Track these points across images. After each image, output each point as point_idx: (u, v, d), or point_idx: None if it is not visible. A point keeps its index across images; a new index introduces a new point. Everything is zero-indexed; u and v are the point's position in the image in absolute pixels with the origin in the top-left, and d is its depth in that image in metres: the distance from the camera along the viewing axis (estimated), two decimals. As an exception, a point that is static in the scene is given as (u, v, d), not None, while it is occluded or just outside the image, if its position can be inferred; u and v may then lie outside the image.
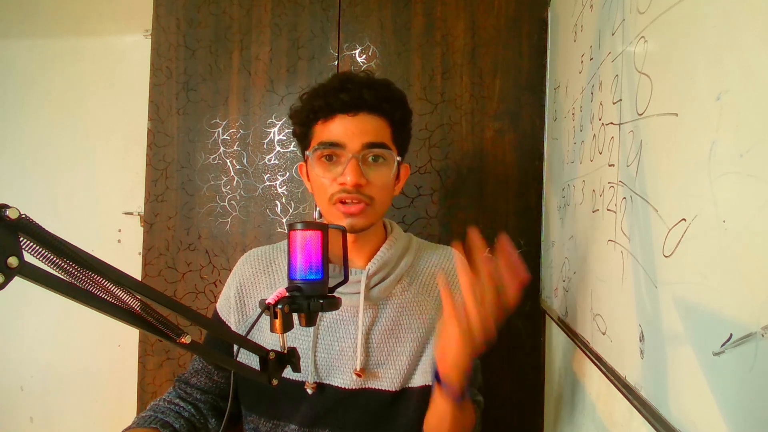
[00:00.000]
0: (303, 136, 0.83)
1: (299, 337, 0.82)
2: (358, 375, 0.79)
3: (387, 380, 0.81)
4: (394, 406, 0.81)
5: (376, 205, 0.79)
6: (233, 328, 0.85)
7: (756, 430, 0.33)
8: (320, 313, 0.73)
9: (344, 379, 0.81)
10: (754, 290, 0.33)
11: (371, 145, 0.77)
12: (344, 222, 0.77)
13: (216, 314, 0.89)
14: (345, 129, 0.77)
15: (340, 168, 0.77)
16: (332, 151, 0.77)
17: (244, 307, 0.86)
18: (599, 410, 0.76)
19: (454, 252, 0.92)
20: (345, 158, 0.76)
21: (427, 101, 1.30)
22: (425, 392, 0.81)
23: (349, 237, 0.81)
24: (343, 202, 0.77)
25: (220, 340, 0.83)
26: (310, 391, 0.80)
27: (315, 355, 0.81)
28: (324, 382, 0.81)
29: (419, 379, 0.82)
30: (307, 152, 0.82)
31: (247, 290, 0.86)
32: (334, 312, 0.81)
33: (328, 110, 0.78)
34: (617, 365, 0.62)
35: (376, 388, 0.81)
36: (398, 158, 0.80)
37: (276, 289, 0.61)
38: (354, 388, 0.81)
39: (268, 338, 0.82)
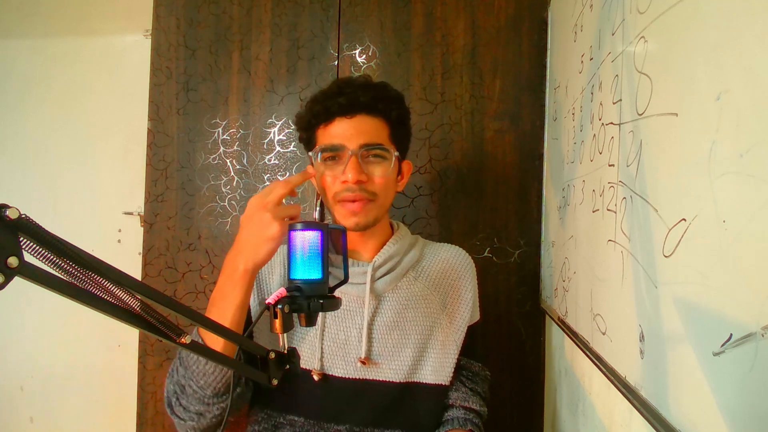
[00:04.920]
0: (307, 141, 0.87)
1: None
2: (363, 363, 0.81)
3: (391, 371, 0.83)
4: (401, 399, 0.83)
5: (379, 201, 0.82)
6: (252, 304, 0.85)
7: (756, 430, 0.33)
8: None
9: (347, 369, 0.82)
10: (754, 290, 0.33)
11: (368, 146, 0.80)
12: (350, 221, 0.80)
13: None
14: (344, 131, 0.80)
15: (342, 167, 0.79)
16: (334, 153, 0.81)
17: (260, 284, 0.87)
18: (599, 410, 0.76)
19: (462, 250, 0.96)
20: (346, 157, 0.79)
21: (427, 101, 1.30)
22: (439, 391, 0.84)
23: (356, 233, 0.84)
24: (347, 201, 0.80)
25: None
26: (316, 378, 0.81)
27: (322, 343, 0.83)
28: (327, 372, 0.82)
29: (430, 376, 0.84)
30: (310, 154, 0.85)
31: (264, 276, 0.88)
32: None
33: (327, 114, 0.81)
34: (617, 365, 0.62)
35: (381, 379, 0.83)
36: (396, 154, 0.83)
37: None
38: (356, 378, 0.82)
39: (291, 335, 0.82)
